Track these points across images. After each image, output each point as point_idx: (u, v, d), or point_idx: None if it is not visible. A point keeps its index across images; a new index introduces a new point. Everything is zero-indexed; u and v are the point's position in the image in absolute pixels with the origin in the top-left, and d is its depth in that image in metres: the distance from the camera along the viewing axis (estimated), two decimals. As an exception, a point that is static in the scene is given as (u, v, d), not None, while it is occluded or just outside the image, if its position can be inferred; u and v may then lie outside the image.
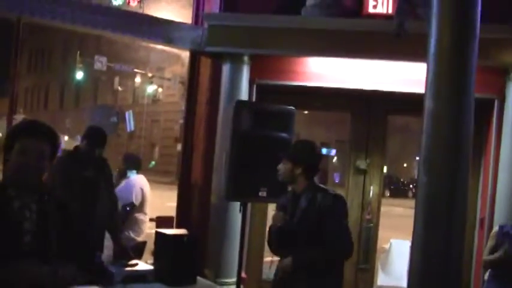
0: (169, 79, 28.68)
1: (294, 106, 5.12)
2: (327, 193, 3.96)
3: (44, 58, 44.12)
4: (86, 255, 4.63)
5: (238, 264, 5.41)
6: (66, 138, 25.67)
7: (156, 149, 36.00)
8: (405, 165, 35.60)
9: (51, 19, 5.92)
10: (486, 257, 5.12)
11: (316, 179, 4.09)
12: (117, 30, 6.31)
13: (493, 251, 5.05)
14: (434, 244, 2.92)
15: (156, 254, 4.90)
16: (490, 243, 5.22)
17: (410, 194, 28.88)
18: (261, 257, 6.73)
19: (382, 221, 6.94)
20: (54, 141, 2.75)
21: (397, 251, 7.44)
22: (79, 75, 27.51)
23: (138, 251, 5.86)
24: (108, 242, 5.52)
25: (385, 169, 7.29)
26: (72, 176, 5.04)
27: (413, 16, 4.92)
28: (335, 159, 25.93)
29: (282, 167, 4.04)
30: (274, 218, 4.11)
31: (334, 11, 6.10)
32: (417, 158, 3.33)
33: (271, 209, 6.78)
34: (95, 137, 5.24)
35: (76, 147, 5.33)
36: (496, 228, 5.35)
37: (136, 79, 33.15)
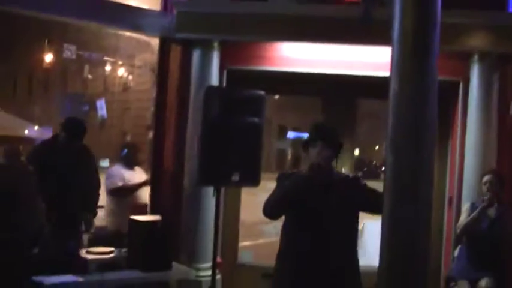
0: (139, 67, 28.46)
1: (264, 91, 5.16)
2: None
3: (9, 47, 43.40)
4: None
5: (214, 248, 5.47)
6: (36, 127, 25.34)
7: (128, 137, 35.78)
8: (377, 148, 35.96)
9: (14, 5, 5.86)
10: (461, 223, 5.36)
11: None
12: (84, 17, 6.26)
13: None
14: (402, 219, 3.02)
15: (129, 241, 4.92)
16: (463, 216, 5.45)
17: (382, 176, 29.21)
18: (236, 241, 6.81)
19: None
20: None
21: (370, 232, 7.57)
22: (47, 64, 27.13)
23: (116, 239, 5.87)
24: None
25: (356, 152, 7.36)
26: (49, 164, 5.05)
27: (379, 2, 5.00)
28: (307, 143, 26.01)
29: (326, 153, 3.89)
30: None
31: (303, -3, 6.15)
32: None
33: (245, 193, 6.85)
34: (75, 129, 5.22)
35: (55, 137, 5.30)
36: (467, 204, 5.57)
37: (106, 67, 32.81)
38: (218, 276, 5.81)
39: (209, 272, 5.56)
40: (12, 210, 2.50)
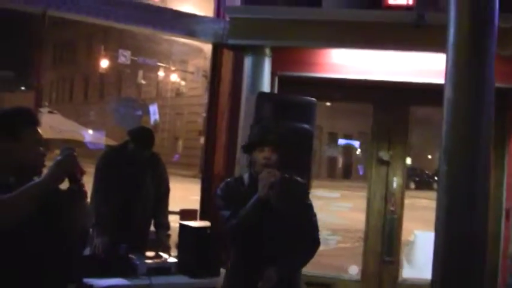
0: (192, 72, 28.81)
1: (315, 98, 5.12)
2: (298, 181, 3.62)
3: (68, 51, 44.53)
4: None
5: (261, 255, 5.43)
6: (90, 131, 25.78)
7: (180, 142, 36.20)
8: (430, 157, 35.33)
9: (76, 13, 5.99)
10: None
11: None
12: (140, 24, 6.36)
13: None
14: (456, 231, 2.94)
15: (179, 246, 4.93)
16: None
17: (435, 185, 28.60)
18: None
19: (407, 213, 6.91)
20: None
21: (421, 243, 7.40)
22: (103, 68, 27.60)
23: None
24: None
25: (409, 161, 7.21)
26: (118, 171, 5.03)
27: (434, 8, 4.92)
28: (358, 151, 25.77)
29: (275, 158, 3.51)
30: (266, 176, 3.41)
31: (356, 3, 6.10)
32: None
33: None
34: (144, 139, 5.13)
35: (125, 144, 5.22)
36: None
37: (159, 72, 33.33)
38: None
39: (257, 279, 5.53)
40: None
